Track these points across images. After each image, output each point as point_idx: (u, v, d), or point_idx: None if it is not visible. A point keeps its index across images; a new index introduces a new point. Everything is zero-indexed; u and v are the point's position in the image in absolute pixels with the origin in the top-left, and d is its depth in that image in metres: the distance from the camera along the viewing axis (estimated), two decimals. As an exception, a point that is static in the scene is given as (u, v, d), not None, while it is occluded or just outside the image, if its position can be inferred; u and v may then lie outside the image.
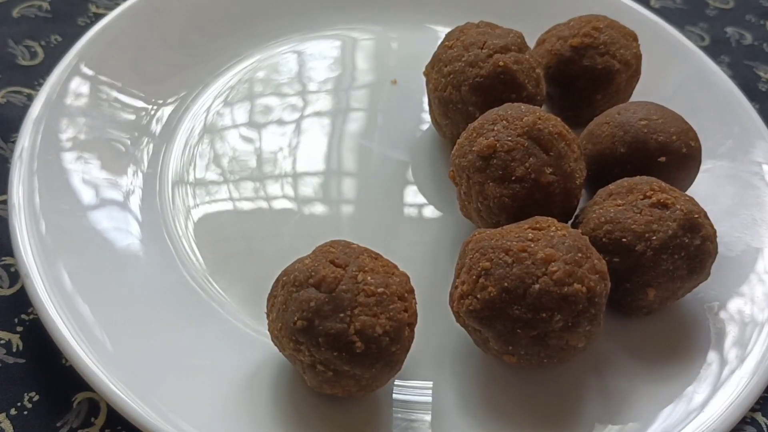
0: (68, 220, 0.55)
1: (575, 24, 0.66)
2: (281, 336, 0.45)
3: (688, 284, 0.52)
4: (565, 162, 0.53)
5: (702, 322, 0.55)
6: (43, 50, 0.74)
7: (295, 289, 0.44)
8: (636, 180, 0.53)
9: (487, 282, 0.46)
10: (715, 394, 0.51)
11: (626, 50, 0.64)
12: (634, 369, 0.52)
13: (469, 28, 0.62)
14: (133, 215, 0.58)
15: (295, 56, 0.75)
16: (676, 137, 0.56)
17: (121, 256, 0.55)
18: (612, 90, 0.64)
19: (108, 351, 0.48)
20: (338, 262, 0.45)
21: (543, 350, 0.47)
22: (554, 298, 0.45)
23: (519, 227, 0.49)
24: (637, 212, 0.51)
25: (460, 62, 0.59)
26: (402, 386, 0.49)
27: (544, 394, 0.51)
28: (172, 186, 0.62)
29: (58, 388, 0.50)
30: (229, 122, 0.68)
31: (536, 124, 0.52)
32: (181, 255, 0.57)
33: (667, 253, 0.50)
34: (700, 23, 0.89)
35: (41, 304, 0.49)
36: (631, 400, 0.51)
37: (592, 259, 0.47)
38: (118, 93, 0.66)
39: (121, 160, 0.62)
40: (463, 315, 0.48)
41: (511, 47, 0.59)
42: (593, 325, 0.47)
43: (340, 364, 0.43)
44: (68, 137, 0.60)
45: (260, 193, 0.63)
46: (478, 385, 0.51)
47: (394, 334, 0.43)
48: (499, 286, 0.46)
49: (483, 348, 0.49)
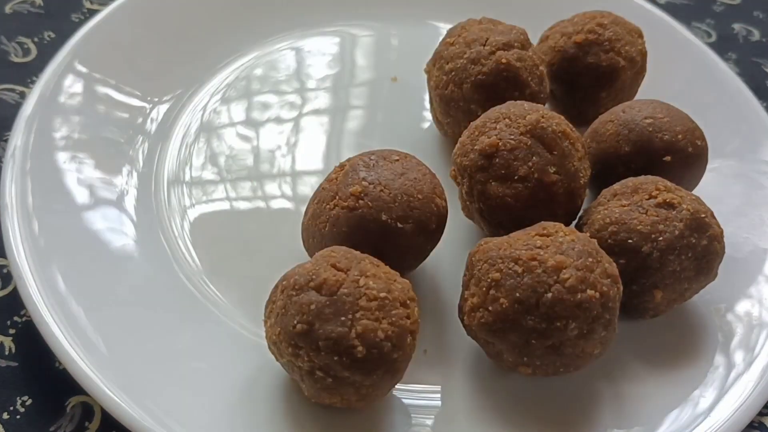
0: (62, 221, 0.55)
1: (579, 20, 0.66)
2: (279, 341, 0.44)
3: (696, 285, 0.52)
4: (569, 161, 0.53)
5: (709, 325, 0.55)
6: (36, 47, 0.74)
7: (295, 292, 0.44)
8: (641, 179, 0.53)
9: (498, 293, 0.46)
10: (722, 398, 0.51)
11: (631, 47, 0.64)
12: (639, 372, 0.52)
13: (471, 25, 0.62)
14: (128, 215, 0.58)
15: (293, 53, 0.75)
16: (682, 136, 0.56)
17: (115, 257, 0.55)
18: (617, 88, 0.64)
19: (102, 354, 0.48)
20: (340, 266, 0.45)
21: (558, 359, 0.47)
22: (568, 306, 0.45)
23: (526, 234, 0.48)
24: (642, 212, 0.51)
25: (461, 59, 0.59)
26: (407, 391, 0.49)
27: (549, 398, 0.51)
28: (167, 185, 0.62)
29: (52, 391, 0.50)
30: (226, 120, 0.68)
31: (540, 123, 0.52)
32: (176, 256, 0.57)
33: (673, 254, 0.50)
34: (707, 19, 0.89)
35: (34, 306, 0.49)
36: (636, 404, 0.51)
37: (603, 262, 0.47)
38: (113, 91, 0.66)
39: (116, 159, 0.62)
40: (475, 328, 0.48)
41: (514, 44, 0.59)
42: (608, 330, 0.47)
43: (340, 369, 0.43)
44: (62, 136, 0.60)
45: (258, 192, 0.63)
46: (486, 394, 0.51)
47: (396, 340, 0.43)
48: (511, 297, 0.46)
49: (496, 360, 0.49)
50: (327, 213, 0.50)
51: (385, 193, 0.49)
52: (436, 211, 0.51)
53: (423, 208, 0.50)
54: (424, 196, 0.50)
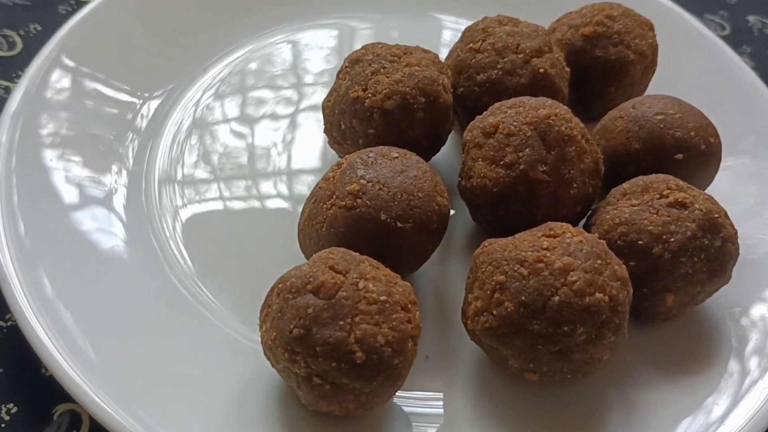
0: (49, 221, 0.55)
1: (587, 12, 0.66)
2: (275, 347, 0.44)
3: (708, 288, 0.52)
4: (566, 167, 0.52)
5: (722, 329, 0.55)
6: (21, 40, 0.74)
7: (291, 296, 0.44)
8: (652, 178, 0.53)
9: (503, 297, 0.46)
10: (737, 405, 0.51)
11: (641, 40, 0.64)
12: (650, 378, 0.52)
13: (493, 26, 0.61)
14: (118, 216, 0.58)
15: (289, 46, 0.75)
16: (694, 133, 0.56)
17: (104, 259, 0.55)
18: (626, 82, 0.64)
19: (91, 360, 0.48)
20: (338, 269, 0.45)
21: (566, 365, 0.47)
22: (576, 310, 0.45)
23: (532, 235, 0.48)
24: (653, 213, 0.51)
25: (495, 70, 0.59)
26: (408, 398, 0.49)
27: (556, 406, 0.51)
28: (158, 184, 0.62)
29: (38, 399, 0.50)
30: (219, 116, 0.68)
31: (548, 119, 0.52)
32: (168, 258, 0.57)
33: (685, 256, 0.50)
34: (720, 11, 0.89)
35: (20, 310, 0.49)
36: (647, 412, 0.51)
37: (612, 265, 0.47)
38: (102, 86, 0.66)
39: (105, 156, 0.62)
40: (479, 333, 0.48)
41: (545, 48, 0.59)
42: (618, 335, 0.47)
43: (339, 376, 0.43)
44: (49, 133, 0.60)
45: (253, 191, 0.63)
46: (491, 401, 0.51)
47: (397, 345, 0.43)
48: (516, 300, 0.46)
49: (501, 366, 0.49)
50: (324, 213, 0.50)
51: (384, 191, 0.49)
52: (438, 210, 0.51)
53: (424, 207, 0.50)
54: (424, 195, 0.50)
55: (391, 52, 0.57)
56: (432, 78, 0.55)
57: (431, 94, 0.55)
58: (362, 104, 0.55)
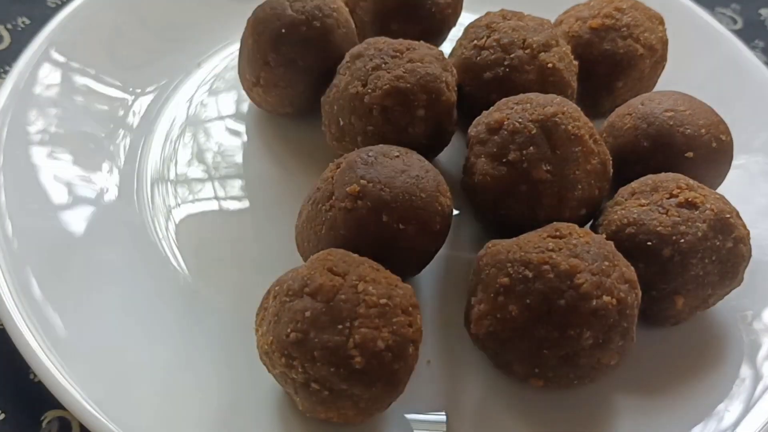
0: (37, 221, 0.55)
1: (596, 4, 0.66)
2: (272, 351, 0.44)
3: (720, 291, 0.52)
4: (571, 168, 0.52)
5: (734, 333, 0.55)
6: (9, 34, 0.74)
7: (288, 299, 0.44)
8: (661, 177, 0.53)
9: (508, 300, 0.46)
10: (749, 412, 0.51)
11: (651, 34, 0.64)
12: (660, 384, 0.53)
13: (497, 22, 0.61)
14: (109, 216, 0.58)
15: (286, 41, 0.75)
16: (705, 130, 0.56)
17: (95, 261, 0.55)
18: (635, 77, 0.64)
19: (81, 365, 0.48)
20: (337, 271, 0.45)
21: (573, 371, 0.47)
22: (582, 314, 0.45)
23: (537, 236, 0.48)
24: (662, 213, 0.51)
25: (501, 67, 0.59)
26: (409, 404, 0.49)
27: (562, 412, 0.51)
28: (151, 184, 0.62)
29: (27, 405, 0.50)
30: (213, 114, 0.68)
31: (554, 117, 0.52)
32: (161, 259, 0.57)
33: (696, 258, 0.50)
34: (732, 4, 0.89)
35: (7, 314, 0.49)
36: (656, 418, 0.51)
37: (620, 266, 0.47)
38: (92, 81, 0.66)
39: (96, 155, 0.62)
40: (483, 337, 0.48)
41: (552, 42, 0.59)
42: (626, 339, 0.47)
43: (337, 381, 0.43)
44: (37, 130, 0.60)
45: (248, 191, 0.63)
46: (495, 407, 0.51)
47: (397, 350, 0.43)
48: (521, 303, 0.46)
49: (505, 372, 0.49)
50: (323, 215, 0.50)
51: (385, 192, 0.49)
52: (440, 211, 0.51)
53: (426, 208, 0.50)
54: (427, 195, 0.50)
55: (393, 48, 0.57)
56: (435, 75, 0.55)
57: (433, 91, 0.55)
58: (361, 100, 0.55)
